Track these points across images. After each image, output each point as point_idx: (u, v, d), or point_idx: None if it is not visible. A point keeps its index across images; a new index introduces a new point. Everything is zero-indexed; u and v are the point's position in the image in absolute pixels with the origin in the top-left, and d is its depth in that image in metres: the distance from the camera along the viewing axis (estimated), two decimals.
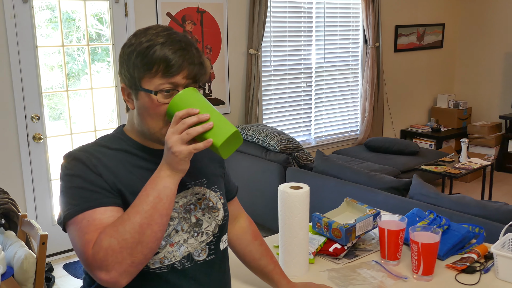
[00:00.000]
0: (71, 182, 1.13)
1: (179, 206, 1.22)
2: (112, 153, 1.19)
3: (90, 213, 1.09)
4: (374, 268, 1.66)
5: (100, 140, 1.24)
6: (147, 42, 1.14)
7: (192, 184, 1.27)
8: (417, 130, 6.07)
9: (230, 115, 4.57)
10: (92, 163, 1.14)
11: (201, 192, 1.28)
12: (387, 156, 4.91)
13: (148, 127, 1.17)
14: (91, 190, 1.11)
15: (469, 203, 2.66)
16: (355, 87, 5.57)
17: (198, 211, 1.26)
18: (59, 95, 3.68)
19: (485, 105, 6.38)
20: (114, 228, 1.06)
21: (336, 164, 3.45)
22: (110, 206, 1.11)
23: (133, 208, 1.07)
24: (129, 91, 1.19)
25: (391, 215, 1.75)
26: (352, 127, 5.64)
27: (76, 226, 1.10)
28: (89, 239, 1.07)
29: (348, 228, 1.72)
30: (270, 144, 3.90)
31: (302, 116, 5.16)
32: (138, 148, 1.23)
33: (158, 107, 1.14)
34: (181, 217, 1.22)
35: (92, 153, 1.17)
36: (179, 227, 1.21)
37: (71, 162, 1.16)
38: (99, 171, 1.14)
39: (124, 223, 1.06)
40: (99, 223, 1.08)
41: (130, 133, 1.25)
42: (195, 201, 1.26)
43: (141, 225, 1.05)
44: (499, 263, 1.57)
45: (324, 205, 3.28)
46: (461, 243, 1.76)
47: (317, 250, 1.75)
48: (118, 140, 1.24)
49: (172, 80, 1.13)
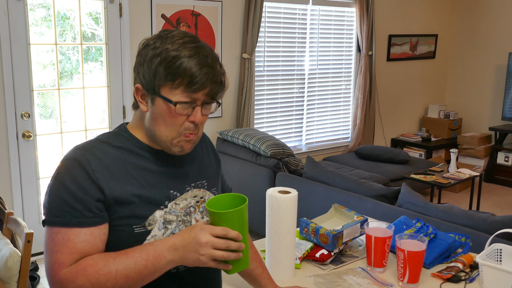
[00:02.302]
0: (57, 189, 1.13)
1: (180, 209, 1.22)
2: (115, 153, 1.18)
3: (66, 231, 1.11)
4: (360, 275, 1.66)
5: (102, 136, 1.23)
6: (174, 51, 1.12)
7: (192, 186, 1.27)
8: (408, 139, 6.10)
9: (222, 118, 4.57)
10: (91, 167, 1.13)
11: (199, 194, 1.28)
12: (377, 164, 4.93)
13: (161, 134, 1.18)
14: (72, 206, 1.11)
15: (457, 213, 2.67)
16: (347, 94, 5.59)
17: (197, 213, 1.26)
18: (51, 94, 3.66)
19: (476, 116, 6.43)
20: (95, 275, 1.08)
21: (326, 170, 3.46)
22: (85, 228, 1.11)
23: (124, 268, 1.08)
24: (144, 92, 1.18)
25: (379, 222, 1.75)
26: (343, 134, 5.66)
27: (51, 235, 1.12)
28: (61, 260, 1.09)
29: (335, 234, 1.72)
30: (261, 149, 3.90)
31: (294, 121, 5.17)
32: (141, 148, 1.22)
33: (175, 117, 1.15)
34: (180, 220, 1.21)
35: (95, 153, 1.16)
36: (176, 231, 1.20)
37: (70, 162, 1.15)
38: (97, 176, 1.13)
39: (108, 277, 1.08)
40: (72, 246, 1.10)
41: (135, 131, 1.24)
42: (194, 203, 1.26)
43: (122, 287, 1.09)
44: (484, 273, 1.58)
45: (312, 211, 3.28)
46: (447, 252, 1.77)
47: (304, 255, 1.74)
48: (121, 138, 1.23)
49: (193, 95, 1.13)
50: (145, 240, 1.16)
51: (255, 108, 4.79)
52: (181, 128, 1.17)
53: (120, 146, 1.21)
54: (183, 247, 1.09)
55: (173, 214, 1.21)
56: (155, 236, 1.17)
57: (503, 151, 5.79)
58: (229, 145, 4.22)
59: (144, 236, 1.16)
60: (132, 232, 1.15)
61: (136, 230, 1.15)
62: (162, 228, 1.18)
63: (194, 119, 1.16)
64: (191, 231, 1.10)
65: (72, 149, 1.19)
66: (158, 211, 1.18)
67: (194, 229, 1.10)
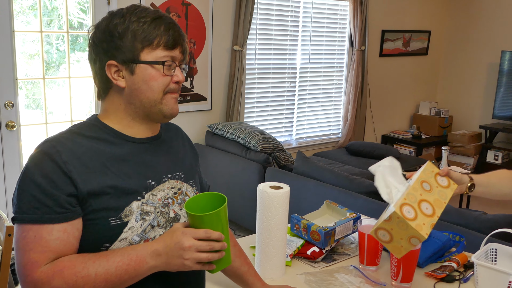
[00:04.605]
0: (26, 185, 1.08)
1: (157, 200, 1.18)
2: (87, 144, 1.13)
3: (38, 228, 1.06)
4: (352, 273, 1.61)
5: (74, 127, 1.18)
6: (144, 17, 1.15)
7: (168, 177, 1.23)
8: (398, 136, 6.08)
9: (212, 112, 4.50)
10: (62, 159, 1.08)
11: (177, 186, 1.24)
12: (368, 160, 4.90)
13: (148, 99, 1.16)
14: (43, 202, 1.06)
15: (448, 211, 2.64)
16: (339, 90, 5.55)
17: (175, 205, 1.22)
18: (36, 84, 3.57)
19: (467, 114, 6.42)
20: (73, 277, 1.04)
21: (317, 166, 3.41)
22: (58, 224, 1.06)
23: (104, 271, 1.04)
24: (119, 67, 1.15)
25: (372, 220, 1.71)
26: (334, 130, 5.62)
27: (22, 233, 1.07)
28: (35, 259, 1.05)
29: (327, 231, 1.67)
30: (251, 143, 3.85)
31: (284, 116, 5.12)
32: (116, 136, 1.18)
33: (159, 80, 1.16)
34: (158, 212, 1.17)
35: (66, 144, 1.11)
36: (155, 222, 1.16)
37: (39, 155, 1.10)
38: (69, 168, 1.08)
39: (86, 280, 1.04)
40: (45, 244, 1.05)
41: (108, 120, 1.20)
42: (172, 195, 1.22)
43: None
44: (479, 273, 1.54)
45: (302, 206, 3.23)
46: (441, 251, 1.73)
47: (295, 253, 1.69)
48: (93, 127, 1.18)
49: (172, 53, 1.17)
50: (122, 233, 1.11)
51: (246, 102, 4.72)
52: (166, 89, 1.18)
53: (93, 136, 1.16)
54: (166, 253, 1.06)
55: (150, 205, 1.16)
56: (132, 228, 1.12)
57: (493, 149, 5.78)
58: (218, 139, 4.16)
59: (121, 229, 1.11)
60: (108, 225, 1.10)
61: (112, 222, 1.11)
62: (140, 220, 1.13)
63: (178, 79, 1.19)
64: (172, 236, 1.07)
65: (41, 142, 1.13)
66: (135, 202, 1.14)
67: (175, 234, 1.07)
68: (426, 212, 1.30)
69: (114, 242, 1.10)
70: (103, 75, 1.17)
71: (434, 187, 1.39)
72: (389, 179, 1.43)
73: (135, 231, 1.12)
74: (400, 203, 1.27)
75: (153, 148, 1.23)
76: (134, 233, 1.12)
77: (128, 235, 1.11)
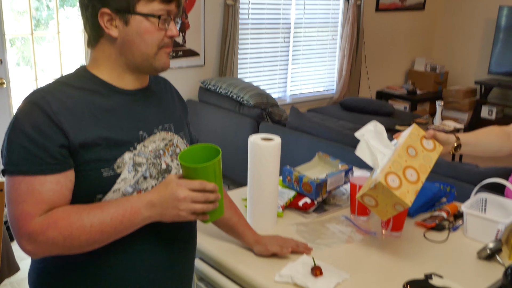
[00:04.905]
0: (16, 136, 1.06)
1: (149, 151, 1.17)
2: (77, 95, 1.11)
3: (29, 179, 1.04)
4: (343, 223, 1.63)
5: (62, 78, 1.15)
6: None
7: (159, 128, 1.21)
8: (393, 92, 6.05)
9: (204, 68, 4.45)
10: (52, 110, 1.06)
11: (168, 137, 1.23)
12: (362, 116, 4.89)
13: (141, 53, 1.14)
14: (34, 153, 1.04)
15: (441, 163, 2.65)
16: (334, 45, 5.48)
17: (167, 156, 1.21)
18: (26, 41, 3.50)
19: (462, 70, 6.37)
20: (68, 229, 1.03)
21: (310, 121, 3.40)
22: (50, 175, 1.05)
23: (100, 222, 1.05)
24: (112, 16, 1.11)
25: (363, 171, 1.71)
26: (328, 85, 5.58)
27: (14, 185, 1.05)
28: (28, 211, 1.04)
29: (319, 183, 1.67)
30: (244, 99, 3.82)
31: (278, 72, 5.07)
32: (105, 88, 1.15)
33: (153, 34, 1.13)
34: (150, 163, 1.16)
35: (56, 95, 1.08)
36: (147, 174, 1.15)
37: (29, 106, 1.07)
38: (60, 119, 1.06)
39: (82, 231, 1.04)
40: (38, 195, 1.04)
41: (97, 71, 1.17)
42: (163, 146, 1.21)
43: (97, 241, 1.07)
44: (468, 222, 1.56)
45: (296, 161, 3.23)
46: (432, 201, 1.74)
47: (286, 204, 1.70)
48: (82, 78, 1.15)
49: (168, 7, 1.13)
50: (115, 184, 1.10)
51: (239, 58, 4.66)
52: (160, 43, 1.15)
53: (82, 87, 1.13)
54: (160, 204, 1.07)
55: (142, 156, 1.15)
56: (125, 179, 1.11)
57: (487, 105, 5.78)
58: (211, 95, 4.13)
59: (114, 180, 1.10)
60: (101, 177, 1.09)
61: (104, 174, 1.10)
62: (132, 171, 1.12)
63: (172, 34, 1.16)
64: (167, 187, 1.07)
65: (30, 92, 1.11)
66: (127, 153, 1.13)
67: (170, 185, 1.07)
68: (410, 179, 1.33)
69: (107, 193, 1.10)
70: (94, 23, 1.13)
71: (420, 151, 1.41)
72: (374, 144, 1.44)
73: (128, 182, 1.12)
74: (386, 172, 1.31)
75: (142, 99, 1.21)
76: (127, 184, 1.11)
77: (121, 186, 1.11)
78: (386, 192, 1.29)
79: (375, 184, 1.29)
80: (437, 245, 1.52)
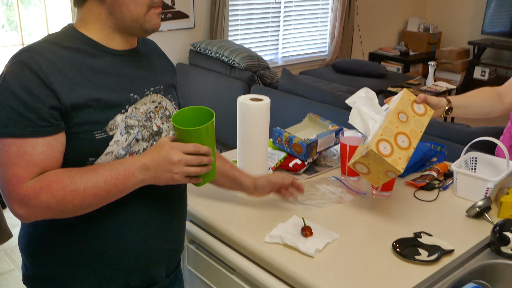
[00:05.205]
0: (4, 98, 1.02)
1: (140, 113, 1.15)
2: (67, 54, 1.07)
3: (20, 142, 1.01)
4: (333, 184, 1.63)
5: (50, 37, 1.11)
6: None
7: (151, 91, 1.19)
8: (386, 53, 6.00)
9: (194, 30, 4.37)
10: (42, 70, 1.02)
11: (157, 100, 1.21)
12: (354, 78, 4.86)
13: (131, 13, 1.10)
14: (24, 115, 1.01)
15: (432, 124, 2.65)
16: (326, 6, 5.38)
17: (157, 119, 1.19)
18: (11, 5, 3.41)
19: (455, 30, 6.31)
20: (61, 192, 1.02)
21: (302, 83, 3.37)
22: (41, 138, 1.02)
23: (93, 186, 1.03)
24: None
25: (354, 132, 1.70)
26: (321, 47, 5.51)
27: (3, 148, 1.02)
28: (19, 174, 1.01)
29: (309, 144, 1.66)
30: (235, 61, 3.77)
31: (270, 34, 4.99)
32: (95, 48, 1.12)
33: None
34: (142, 126, 1.14)
35: (45, 54, 1.04)
36: (139, 136, 1.13)
37: (17, 66, 1.03)
38: (51, 80, 1.02)
39: (75, 195, 1.03)
40: (29, 158, 1.02)
41: (85, 30, 1.13)
42: (153, 109, 1.19)
43: (90, 205, 1.06)
44: (458, 180, 1.56)
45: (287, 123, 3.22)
46: (422, 160, 1.74)
47: (277, 166, 1.70)
48: (71, 37, 1.11)
49: None
50: (108, 146, 1.08)
51: (230, 19, 4.57)
52: (150, 2, 1.12)
53: (71, 46, 1.09)
54: (154, 167, 1.06)
55: (134, 118, 1.13)
56: (117, 141, 1.09)
57: (480, 65, 5.75)
58: (202, 58, 4.07)
59: (107, 142, 1.09)
60: (93, 139, 1.07)
61: (97, 136, 1.08)
62: (125, 133, 1.11)
63: None
64: (160, 150, 1.06)
65: (17, 51, 1.06)
66: (119, 115, 1.11)
67: (163, 148, 1.06)
68: (402, 145, 1.33)
69: (100, 155, 1.08)
70: None
71: (411, 116, 1.40)
72: (365, 111, 1.42)
73: (121, 144, 1.10)
74: (377, 139, 1.30)
75: (132, 61, 1.18)
76: (119, 146, 1.10)
77: (113, 149, 1.09)
78: (378, 159, 1.29)
79: (366, 151, 1.29)
80: (427, 204, 1.52)
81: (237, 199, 1.53)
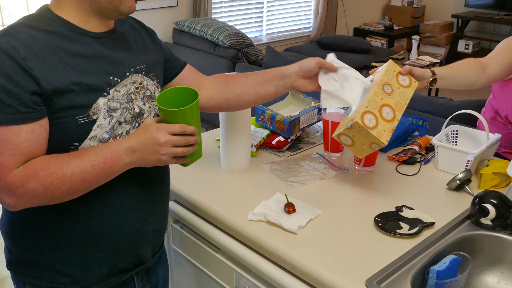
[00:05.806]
0: None
1: (121, 96, 1.13)
2: (43, 37, 1.05)
3: (4, 130, 1.00)
4: (316, 160, 1.63)
5: (25, 20, 1.08)
6: None
7: (131, 71, 1.17)
8: (370, 28, 5.98)
9: (177, 8, 4.31)
10: (20, 55, 0.99)
11: (138, 80, 1.19)
12: (339, 53, 4.80)
13: None
14: (5, 102, 0.99)
15: (415, 99, 2.66)
16: None
17: (138, 100, 1.18)
18: None
19: (439, 3, 6.29)
20: (49, 179, 1.01)
21: (287, 60, 3.36)
22: (25, 125, 1.01)
23: (80, 171, 1.03)
24: None
25: (336, 108, 1.70)
26: (305, 24, 5.48)
27: None
28: (5, 163, 1.00)
29: (292, 121, 1.67)
30: (219, 39, 3.74)
31: (254, 11, 4.94)
32: (72, 30, 1.09)
33: None
34: (124, 108, 1.13)
35: (22, 39, 1.02)
36: (122, 119, 1.12)
37: None
38: (29, 65, 1.00)
39: (62, 181, 1.02)
40: (14, 146, 1.00)
41: (61, 12, 1.10)
42: (134, 90, 1.17)
43: (78, 190, 1.06)
44: (439, 154, 1.58)
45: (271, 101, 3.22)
46: (404, 135, 1.75)
47: (260, 143, 1.70)
48: (47, 20, 1.08)
49: None
50: (92, 131, 1.07)
51: None
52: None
53: (47, 29, 1.07)
54: (141, 150, 1.06)
55: (116, 101, 1.12)
56: (101, 125, 1.08)
57: (464, 38, 5.76)
58: (185, 36, 4.03)
59: (90, 127, 1.08)
60: (76, 124, 1.06)
61: (80, 120, 1.06)
62: (108, 117, 1.10)
63: None
64: (146, 132, 1.06)
65: None
66: (101, 98, 1.09)
67: (149, 130, 1.06)
68: (386, 117, 1.33)
69: (83, 140, 1.07)
70: None
71: (396, 88, 1.40)
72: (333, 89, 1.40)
73: (104, 128, 1.09)
74: (362, 111, 1.29)
75: (111, 43, 1.16)
76: (103, 130, 1.09)
77: (97, 133, 1.08)
78: (362, 131, 1.29)
79: (351, 124, 1.29)
80: (408, 179, 1.54)
81: (221, 178, 1.53)
